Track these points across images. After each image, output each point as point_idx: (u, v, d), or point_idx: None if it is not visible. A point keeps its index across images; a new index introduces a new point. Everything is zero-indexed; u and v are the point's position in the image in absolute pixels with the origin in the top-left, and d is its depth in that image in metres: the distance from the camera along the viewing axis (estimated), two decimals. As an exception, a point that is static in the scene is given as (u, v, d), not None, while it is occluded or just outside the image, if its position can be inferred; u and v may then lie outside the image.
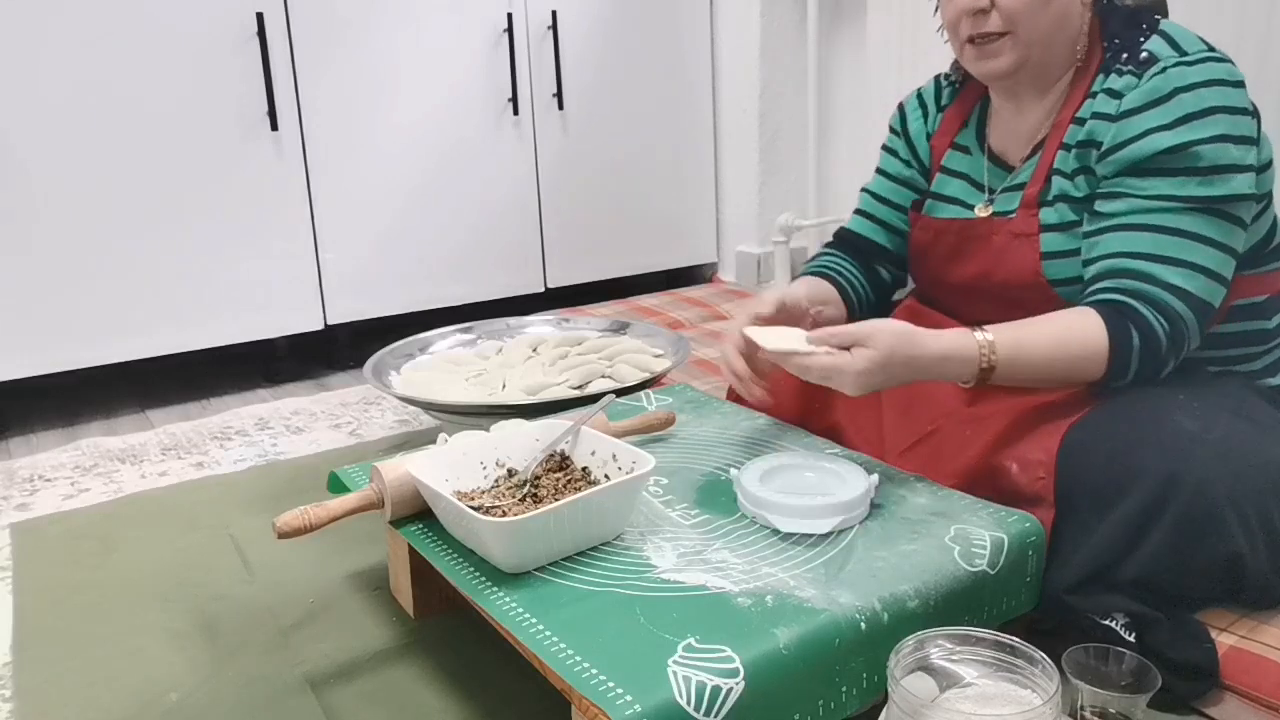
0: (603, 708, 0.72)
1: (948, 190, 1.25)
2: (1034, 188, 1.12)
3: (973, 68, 1.13)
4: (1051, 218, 1.10)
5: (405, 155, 2.21)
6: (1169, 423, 0.94)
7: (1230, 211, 1.00)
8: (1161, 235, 1.00)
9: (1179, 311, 0.99)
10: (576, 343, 1.81)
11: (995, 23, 1.07)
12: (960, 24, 1.10)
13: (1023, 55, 1.08)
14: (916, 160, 1.30)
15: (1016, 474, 1.02)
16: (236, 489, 1.56)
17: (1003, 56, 1.08)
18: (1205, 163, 0.99)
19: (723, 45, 2.63)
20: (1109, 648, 0.87)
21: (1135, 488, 0.90)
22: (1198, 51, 1.03)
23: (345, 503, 1.03)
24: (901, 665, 0.79)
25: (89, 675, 1.07)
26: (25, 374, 1.87)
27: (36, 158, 1.81)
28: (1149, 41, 1.05)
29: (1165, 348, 0.98)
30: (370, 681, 1.03)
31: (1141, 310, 0.98)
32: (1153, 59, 1.03)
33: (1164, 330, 0.98)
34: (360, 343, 2.13)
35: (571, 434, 1.08)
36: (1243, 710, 0.89)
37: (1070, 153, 1.09)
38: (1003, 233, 1.14)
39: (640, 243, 2.62)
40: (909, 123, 1.31)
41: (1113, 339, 0.98)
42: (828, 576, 0.89)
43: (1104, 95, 1.06)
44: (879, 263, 1.35)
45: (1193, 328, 1.00)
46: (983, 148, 1.22)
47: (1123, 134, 1.03)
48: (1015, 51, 1.08)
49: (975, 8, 1.06)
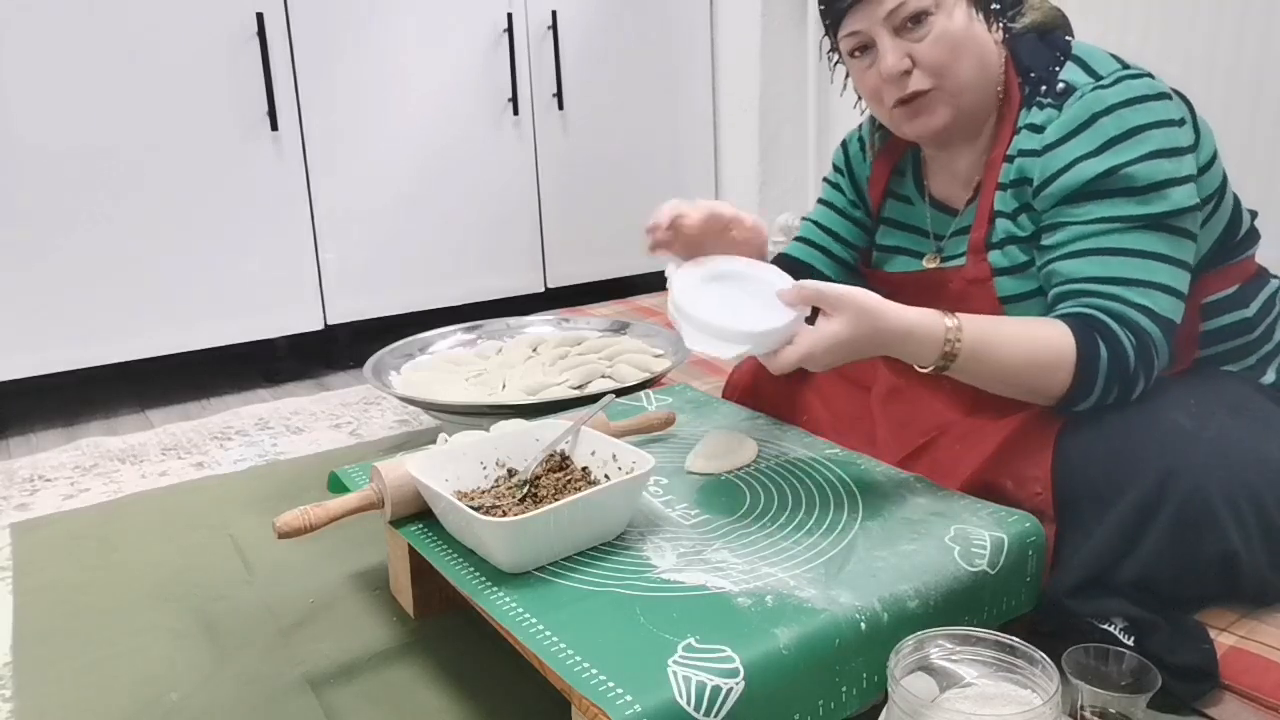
0: (603, 708, 0.72)
1: (891, 241, 1.22)
2: (978, 232, 1.09)
3: (906, 130, 1.09)
4: (1001, 261, 1.07)
5: (405, 155, 2.21)
6: (1165, 420, 0.93)
7: (1175, 225, 0.98)
8: (1111, 257, 0.98)
9: (1145, 328, 0.95)
10: (576, 343, 1.81)
11: (919, 81, 1.04)
12: (883, 91, 1.06)
13: (953, 106, 1.05)
14: (863, 204, 1.27)
15: (1013, 490, 1.02)
16: (236, 489, 1.56)
17: (936, 113, 1.05)
18: (1140, 182, 0.97)
19: (723, 45, 2.63)
20: (1109, 648, 0.87)
21: (1131, 486, 0.90)
22: (1112, 72, 1.00)
23: (345, 503, 1.03)
24: (901, 665, 0.79)
25: (89, 675, 1.07)
26: (25, 374, 1.87)
27: (36, 158, 1.81)
28: (1064, 70, 1.03)
29: (1133, 365, 0.95)
30: (370, 681, 1.03)
31: (1110, 324, 0.95)
32: (1070, 88, 1.01)
33: (1132, 346, 0.95)
34: (360, 343, 2.13)
35: (571, 434, 1.08)
36: (1243, 710, 0.89)
37: (1007, 192, 1.07)
38: (957, 280, 1.11)
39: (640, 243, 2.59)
40: (853, 165, 1.28)
41: (1080, 349, 0.94)
42: (828, 576, 0.89)
43: (1027, 131, 1.04)
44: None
45: (1160, 345, 0.96)
46: (924, 195, 1.19)
47: (1050, 167, 1.01)
48: (946, 104, 1.05)
49: (899, 70, 1.03)
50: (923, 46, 1.02)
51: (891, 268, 1.22)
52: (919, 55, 1.03)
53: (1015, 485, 1.02)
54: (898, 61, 1.03)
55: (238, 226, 2.02)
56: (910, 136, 1.10)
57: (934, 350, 0.95)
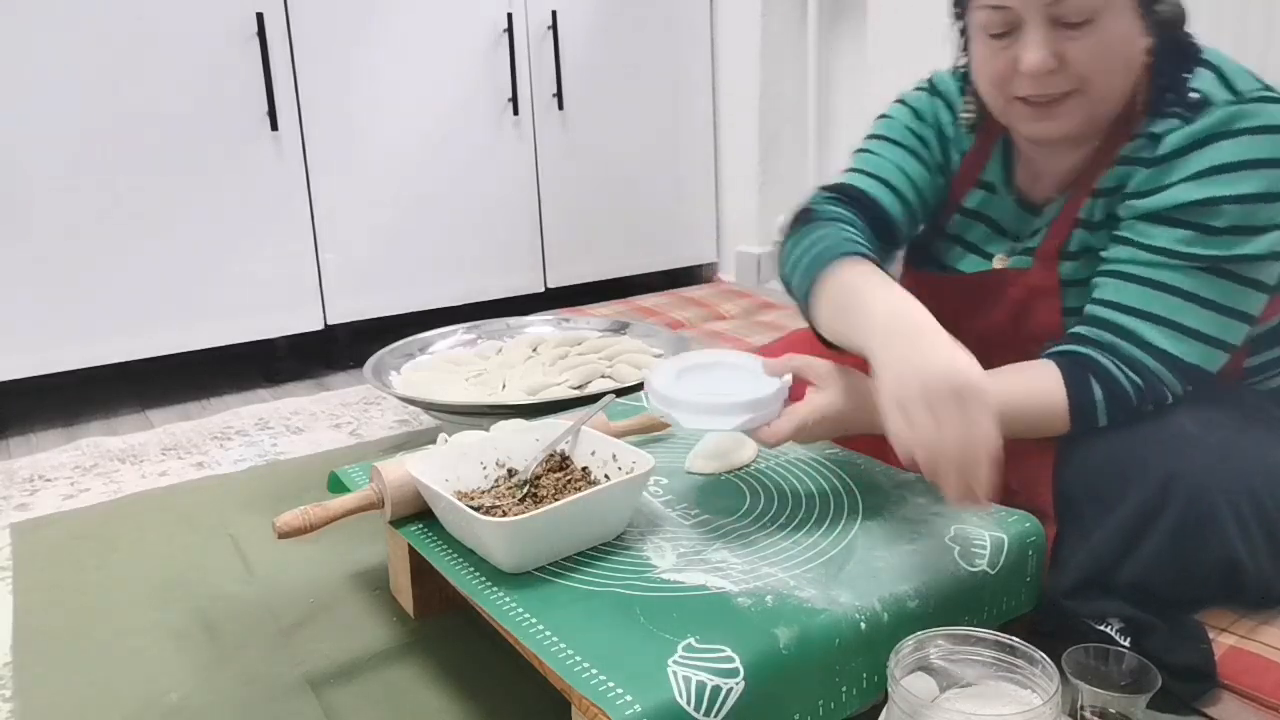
0: (603, 708, 0.72)
1: (971, 236, 1.12)
2: (1056, 238, 1.02)
3: (1024, 128, 0.99)
4: (1073, 272, 1.01)
5: (405, 155, 2.21)
6: (1170, 423, 0.92)
7: (1241, 273, 0.91)
8: (1151, 290, 0.93)
9: (1154, 372, 0.92)
10: (576, 343, 1.81)
11: (1060, 83, 0.92)
12: (1010, 81, 0.95)
13: (1090, 115, 0.95)
14: (945, 172, 1.13)
15: (1018, 490, 1.02)
16: (236, 489, 1.56)
17: (1068, 119, 0.94)
18: (1225, 221, 0.90)
19: (723, 45, 2.63)
20: (1109, 648, 0.87)
21: (1134, 488, 0.89)
22: (1253, 90, 0.91)
23: (345, 503, 1.03)
24: (901, 665, 0.79)
25: (89, 675, 1.07)
26: (25, 374, 1.87)
27: (36, 158, 1.81)
28: (1197, 78, 0.93)
29: (1135, 404, 0.92)
30: (370, 681, 1.03)
31: (1107, 365, 0.92)
32: (1204, 101, 0.92)
33: (1133, 386, 0.92)
34: (360, 343, 2.13)
35: (571, 434, 1.08)
36: (1243, 710, 0.89)
37: (1099, 200, 0.99)
38: (1019, 285, 1.04)
39: (640, 243, 2.62)
40: (941, 120, 1.13)
41: (1072, 397, 0.92)
42: (828, 576, 0.89)
43: (1144, 139, 0.96)
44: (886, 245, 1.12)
45: (1173, 387, 0.93)
46: (1010, 186, 1.09)
47: (1152, 182, 0.94)
48: (1081, 111, 0.94)
49: (1043, 70, 0.91)
50: (1078, 48, 0.91)
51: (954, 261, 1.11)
52: (1071, 57, 0.91)
53: (1020, 485, 1.01)
54: (1045, 60, 0.91)
55: (238, 226, 2.02)
56: (1026, 135, 1.01)
57: None
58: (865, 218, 1.09)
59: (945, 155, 1.13)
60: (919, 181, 1.12)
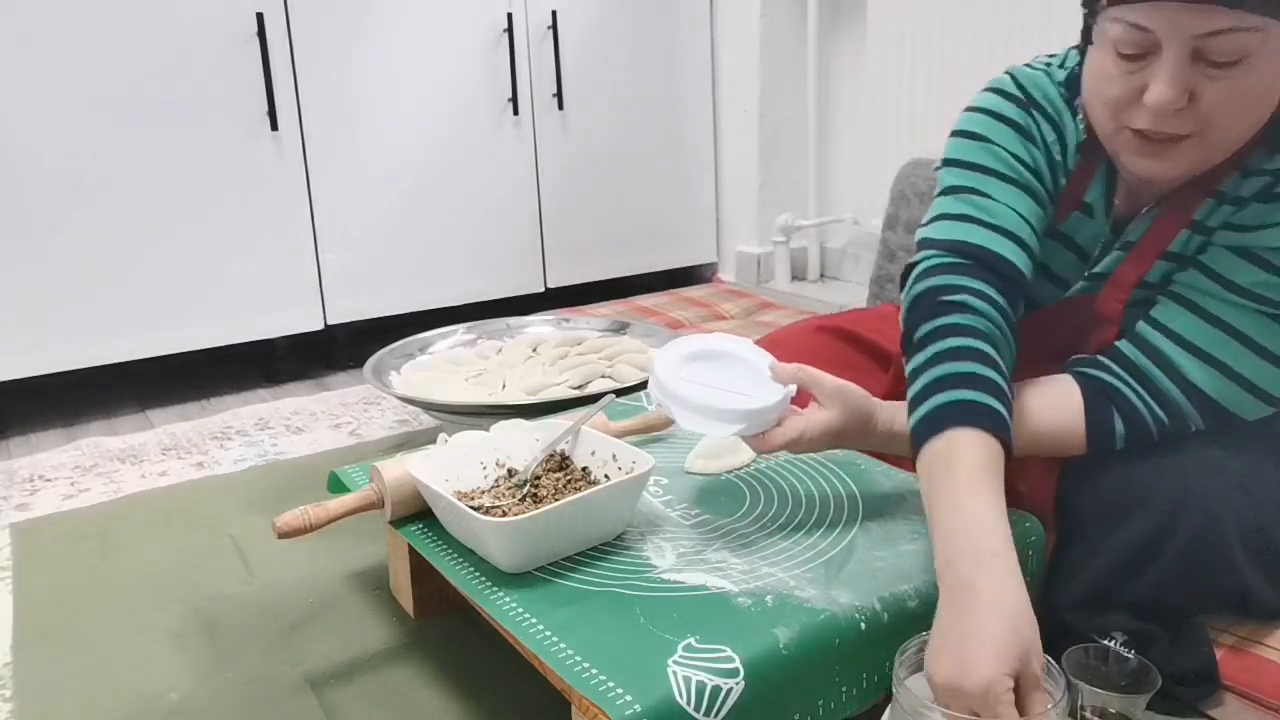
0: (603, 708, 0.72)
1: (1054, 264, 1.01)
2: (1135, 269, 0.93)
3: (1129, 162, 0.87)
4: (1140, 298, 0.94)
5: (405, 155, 2.21)
6: (1186, 445, 0.89)
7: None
8: (1210, 326, 0.87)
9: (1184, 411, 0.88)
10: (576, 343, 1.81)
11: (1182, 124, 0.81)
12: (1128, 111, 0.83)
13: (1203, 160, 0.84)
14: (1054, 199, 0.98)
15: (1026, 494, 1.00)
16: (236, 489, 1.56)
17: (1179, 161, 0.84)
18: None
19: (723, 45, 2.63)
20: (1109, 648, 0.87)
21: (1145, 509, 0.87)
22: None
23: (345, 503, 1.03)
24: (905, 665, 0.78)
25: (89, 675, 1.07)
26: (25, 374, 1.87)
27: (36, 158, 1.81)
28: None
29: (1156, 437, 0.89)
30: (370, 681, 1.03)
31: (1131, 398, 0.88)
32: None
33: (1156, 420, 0.88)
34: (360, 343, 2.13)
35: (571, 434, 1.08)
36: (1243, 711, 0.89)
37: (1194, 236, 0.91)
38: (1085, 310, 0.97)
39: (640, 243, 2.62)
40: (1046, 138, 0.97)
41: (1091, 423, 0.89)
42: (828, 576, 0.89)
43: (1259, 176, 0.87)
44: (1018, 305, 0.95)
45: (1198, 425, 0.89)
46: (1108, 211, 0.97)
47: (1256, 218, 0.86)
48: (1197, 155, 0.83)
49: (1172, 109, 0.79)
50: (1215, 89, 0.79)
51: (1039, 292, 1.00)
52: (1204, 98, 0.79)
53: (1028, 489, 1.00)
54: (1176, 97, 0.79)
55: (238, 226, 2.02)
56: (1129, 169, 0.90)
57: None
58: (999, 285, 0.92)
59: (1056, 183, 0.97)
60: (1037, 224, 0.96)
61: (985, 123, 0.98)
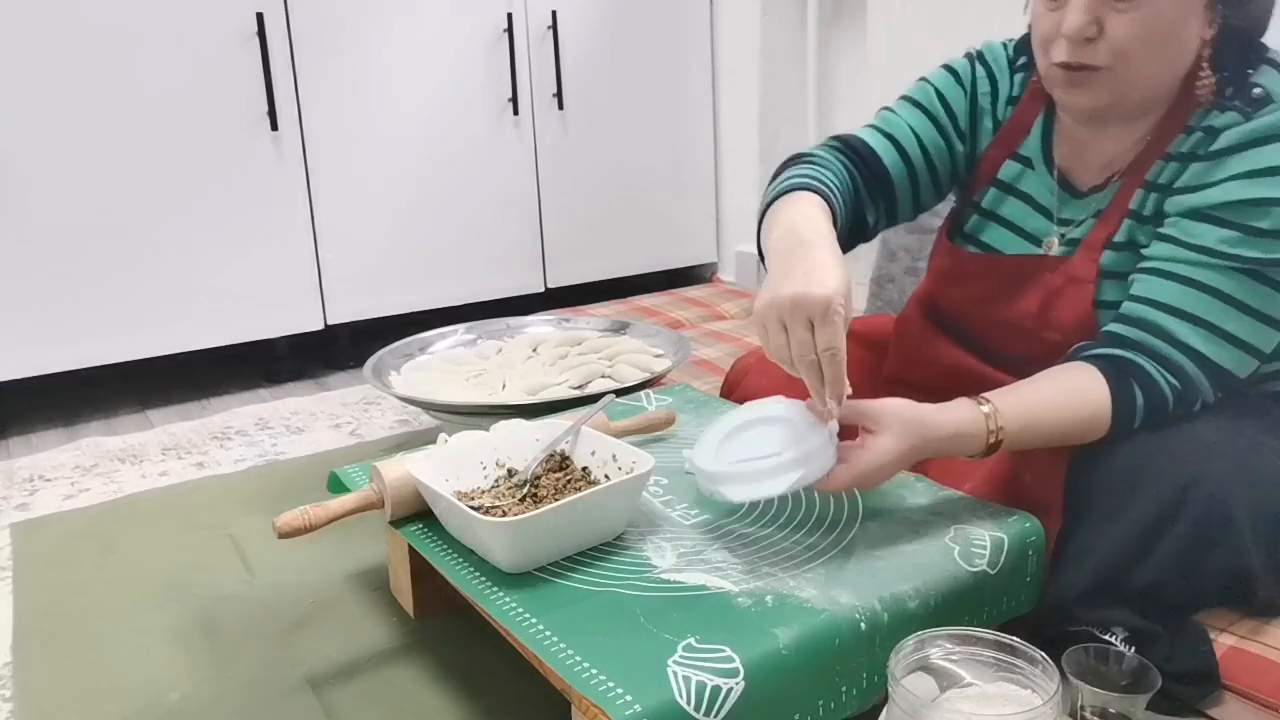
0: (603, 708, 0.72)
1: (1003, 210, 1.11)
2: (1104, 230, 1.01)
3: (1056, 93, 1.00)
4: (1113, 263, 1.00)
5: (405, 155, 2.21)
6: (1189, 430, 0.91)
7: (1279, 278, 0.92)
8: (1193, 290, 0.92)
9: (1190, 374, 0.92)
10: (576, 343, 1.81)
11: (1099, 55, 0.93)
12: (1054, 45, 0.95)
13: (1118, 95, 0.95)
14: (971, 139, 1.13)
15: (1030, 483, 1.01)
16: (236, 489, 1.56)
17: (1095, 93, 0.95)
18: (1270, 223, 0.90)
19: (723, 45, 2.63)
20: (1109, 648, 0.87)
21: (1150, 492, 0.88)
22: None
23: (345, 503, 1.03)
24: (902, 665, 0.79)
25: (89, 675, 1.07)
26: (25, 374, 1.87)
27: (36, 158, 1.81)
28: (1260, 74, 0.93)
29: (1171, 408, 0.92)
30: (370, 681, 1.03)
31: (1147, 368, 0.92)
32: (1266, 98, 0.91)
33: (1172, 390, 0.92)
34: (360, 343, 2.13)
35: (571, 434, 1.08)
36: (1243, 710, 0.89)
37: (1150, 194, 0.98)
38: (1059, 273, 1.03)
39: (640, 243, 2.62)
40: (978, 88, 1.13)
41: (1115, 400, 0.92)
42: (828, 576, 0.89)
43: (1202, 133, 0.95)
44: (877, 199, 1.13)
45: (1205, 391, 0.93)
46: (1049, 164, 1.08)
47: (1202, 177, 0.94)
48: (1111, 89, 0.94)
49: (1081, 36, 0.92)
50: (1119, 21, 0.91)
51: (989, 238, 1.11)
52: (1110, 29, 0.92)
53: (1033, 477, 1.01)
54: (1083, 25, 0.92)
55: (238, 226, 2.02)
56: (1057, 101, 1.02)
57: (979, 443, 0.92)
58: (859, 167, 1.12)
59: (974, 123, 1.13)
60: (929, 144, 1.13)
61: (936, 71, 1.17)
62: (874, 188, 1.13)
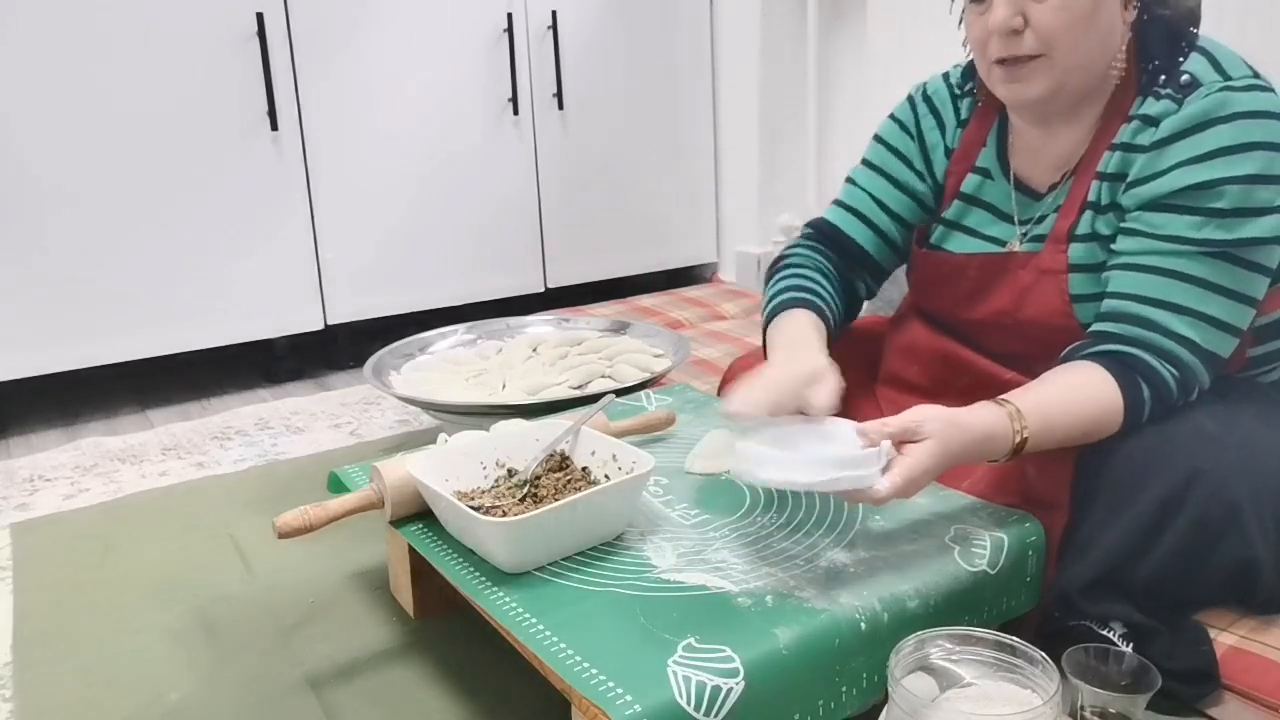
0: (603, 708, 0.72)
1: (968, 220, 1.15)
2: (1066, 220, 1.04)
3: (1000, 91, 1.04)
4: (1081, 256, 1.03)
5: (405, 155, 2.21)
6: (1190, 423, 0.92)
7: (1247, 257, 0.94)
8: (1171, 280, 0.95)
9: (1186, 362, 0.94)
10: (576, 343, 1.81)
11: (1029, 44, 0.97)
12: (989, 43, 1.00)
13: (1058, 81, 0.99)
14: (930, 176, 1.19)
15: (1034, 478, 1.01)
16: (236, 489, 1.56)
17: (1035, 82, 0.99)
18: (1228, 203, 0.92)
19: (723, 45, 2.63)
20: (1109, 648, 0.87)
21: (1153, 485, 0.89)
22: (1243, 77, 0.95)
23: (345, 503, 1.03)
24: (902, 665, 0.79)
25: (89, 675, 1.07)
26: (25, 374, 1.87)
27: (37, 158, 1.81)
28: (1189, 61, 0.97)
29: (1175, 397, 0.94)
30: (370, 681, 1.03)
31: (1149, 361, 0.93)
32: (1194, 83, 0.95)
33: (1174, 379, 0.93)
34: (360, 343, 2.13)
35: (571, 434, 1.08)
36: (1243, 710, 0.89)
37: (1103, 183, 1.02)
38: (1029, 268, 1.06)
39: (640, 243, 2.62)
40: (923, 128, 1.19)
41: (1126, 396, 0.92)
42: (828, 576, 0.89)
43: (1139, 121, 0.99)
44: (860, 273, 1.23)
45: (1202, 377, 0.95)
46: (1006, 173, 1.12)
47: (1150, 167, 0.97)
48: (1049, 76, 0.98)
49: (1007, 27, 0.97)
50: (1042, 9, 0.96)
51: (960, 248, 1.14)
52: (1035, 17, 0.96)
53: (1037, 472, 1.01)
54: (1009, 18, 0.97)
55: (238, 226, 2.02)
56: (1004, 99, 1.05)
57: (1006, 444, 0.91)
58: (837, 252, 1.22)
59: (927, 160, 1.19)
60: (892, 205, 1.21)
61: (884, 124, 1.24)
62: (854, 266, 1.23)
